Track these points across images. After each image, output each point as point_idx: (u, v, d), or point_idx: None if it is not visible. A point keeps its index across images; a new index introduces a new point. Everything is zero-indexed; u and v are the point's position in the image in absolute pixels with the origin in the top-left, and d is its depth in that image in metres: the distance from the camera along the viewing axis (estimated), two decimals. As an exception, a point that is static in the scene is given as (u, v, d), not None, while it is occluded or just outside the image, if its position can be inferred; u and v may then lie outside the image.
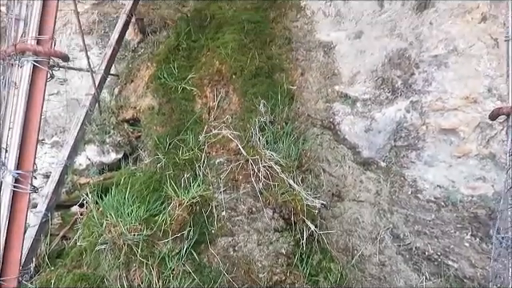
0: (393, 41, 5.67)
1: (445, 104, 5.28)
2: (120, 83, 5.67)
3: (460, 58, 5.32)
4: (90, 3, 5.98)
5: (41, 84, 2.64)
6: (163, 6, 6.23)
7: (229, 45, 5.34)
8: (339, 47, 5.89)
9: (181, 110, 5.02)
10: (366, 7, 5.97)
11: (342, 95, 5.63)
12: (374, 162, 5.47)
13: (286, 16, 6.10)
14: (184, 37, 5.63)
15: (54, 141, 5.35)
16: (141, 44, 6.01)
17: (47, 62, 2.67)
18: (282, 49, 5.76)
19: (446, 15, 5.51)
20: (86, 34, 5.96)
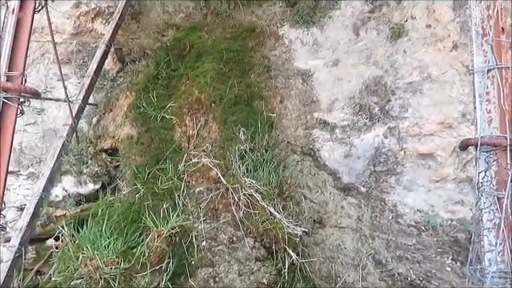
0: (369, 68, 5.82)
1: (421, 129, 5.39)
2: (98, 113, 5.61)
3: (434, 84, 5.48)
4: (69, 33, 5.98)
5: (10, 121, 2.58)
6: (142, 35, 6.27)
7: (208, 74, 5.37)
8: (317, 75, 6.00)
9: (160, 138, 4.99)
10: (342, 36, 6.13)
11: (321, 122, 5.70)
12: (355, 187, 5.51)
13: (264, 45, 6.21)
14: (163, 66, 5.65)
15: (29, 172, 5.23)
16: (120, 73, 6.01)
17: (17, 98, 2.61)
18: (261, 77, 5.83)
19: (418, 44, 5.70)
20: (64, 64, 5.94)
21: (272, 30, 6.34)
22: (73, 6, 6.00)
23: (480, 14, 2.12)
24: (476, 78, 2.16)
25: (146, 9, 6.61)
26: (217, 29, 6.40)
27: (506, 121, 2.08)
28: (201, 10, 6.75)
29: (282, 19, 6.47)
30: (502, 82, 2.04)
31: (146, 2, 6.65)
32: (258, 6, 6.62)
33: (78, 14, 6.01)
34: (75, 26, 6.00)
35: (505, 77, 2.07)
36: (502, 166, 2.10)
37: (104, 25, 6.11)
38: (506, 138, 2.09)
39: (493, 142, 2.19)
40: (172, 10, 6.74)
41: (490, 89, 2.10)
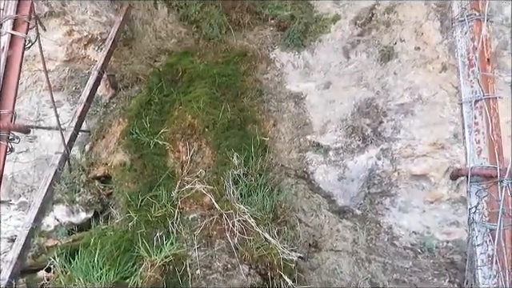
0: (360, 90, 5.87)
1: (414, 151, 5.42)
2: (91, 139, 5.59)
3: (425, 105, 5.53)
4: (62, 60, 5.99)
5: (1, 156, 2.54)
6: (135, 61, 6.30)
7: (201, 99, 5.40)
8: (309, 97, 6.04)
9: (153, 165, 4.97)
10: (333, 59, 6.20)
11: (314, 144, 5.71)
12: (350, 210, 5.49)
13: (256, 69, 6.26)
14: (156, 91, 5.67)
15: (20, 201, 5.15)
16: (112, 99, 6.01)
17: (6, 136, 2.58)
18: (254, 100, 5.86)
19: (408, 65, 5.78)
20: (56, 91, 5.94)
21: (263, 53, 6.40)
22: (65, 33, 6.02)
23: (465, 46, 2.16)
24: (464, 109, 2.18)
25: (139, 35, 6.66)
26: (209, 53, 6.45)
27: (495, 151, 2.10)
28: (193, 35, 6.81)
29: (273, 43, 6.54)
30: (489, 113, 2.06)
31: (138, 28, 6.71)
32: (250, 31, 6.70)
33: (70, 42, 6.03)
34: (68, 53, 6.01)
35: (492, 107, 2.10)
36: (493, 198, 2.10)
37: (97, 51, 6.14)
38: (496, 168, 2.11)
39: (483, 172, 2.19)
40: (164, 35, 6.80)
41: (479, 119, 2.12)
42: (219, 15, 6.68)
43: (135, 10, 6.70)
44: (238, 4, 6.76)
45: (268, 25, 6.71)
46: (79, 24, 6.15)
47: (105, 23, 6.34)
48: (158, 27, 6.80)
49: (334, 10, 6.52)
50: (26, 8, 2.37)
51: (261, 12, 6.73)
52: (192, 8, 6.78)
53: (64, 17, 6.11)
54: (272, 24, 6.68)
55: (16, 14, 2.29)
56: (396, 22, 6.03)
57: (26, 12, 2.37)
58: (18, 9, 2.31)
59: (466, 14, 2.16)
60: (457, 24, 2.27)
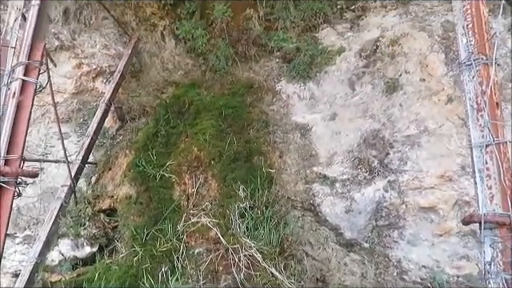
0: (366, 122, 5.88)
1: (421, 183, 5.36)
2: (97, 171, 5.61)
3: (431, 137, 5.51)
4: (70, 92, 6.08)
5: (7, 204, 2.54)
6: (143, 93, 6.38)
7: (207, 131, 5.42)
8: (315, 129, 6.05)
9: (159, 198, 4.95)
10: (338, 90, 6.24)
11: (320, 176, 5.68)
12: (357, 243, 5.40)
13: (262, 100, 6.31)
14: (163, 123, 5.71)
15: (26, 235, 5.13)
16: (119, 131, 6.06)
17: (14, 181, 2.60)
18: (260, 132, 5.87)
19: (414, 97, 5.80)
20: (64, 123, 6.00)
21: (269, 85, 6.46)
22: (75, 66, 6.14)
23: (473, 90, 2.16)
24: (474, 153, 2.17)
25: (146, 67, 6.78)
26: (215, 85, 6.53)
27: (507, 198, 2.07)
28: (199, 67, 6.92)
29: (279, 74, 6.61)
30: (500, 157, 2.04)
31: (146, 60, 6.83)
32: (256, 62, 6.79)
33: (79, 74, 6.14)
34: (76, 86, 6.11)
35: (503, 151, 2.08)
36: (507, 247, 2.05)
37: (105, 84, 6.23)
38: (510, 216, 2.07)
39: (496, 220, 2.15)
40: (171, 67, 6.91)
41: (490, 164, 2.10)
42: (226, 47, 6.80)
43: (143, 42, 6.85)
44: (244, 36, 6.88)
45: (274, 56, 6.79)
46: (88, 57, 6.29)
47: (113, 56, 6.47)
48: (165, 59, 6.92)
49: (338, 42, 6.61)
50: (38, 53, 2.43)
51: (267, 44, 6.83)
52: (199, 40, 6.91)
53: (74, 50, 6.25)
54: (278, 56, 6.77)
55: (28, 59, 2.35)
56: (400, 53, 6.09)
57: (38, 57, 2.42)
58: (31, 54, 2.36)
59: (473, 58, 2.18)
60: (464, 68, 2.28)
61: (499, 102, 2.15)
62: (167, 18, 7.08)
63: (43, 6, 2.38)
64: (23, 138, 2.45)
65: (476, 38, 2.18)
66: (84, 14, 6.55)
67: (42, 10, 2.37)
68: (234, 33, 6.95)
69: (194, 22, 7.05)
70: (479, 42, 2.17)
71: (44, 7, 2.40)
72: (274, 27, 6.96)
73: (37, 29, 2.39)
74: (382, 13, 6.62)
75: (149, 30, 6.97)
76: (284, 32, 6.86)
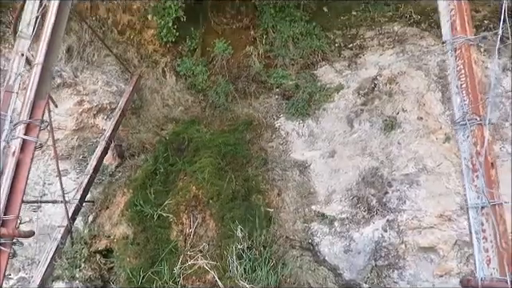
0: (365, 159, 5.89)
1: (421, 222, 5.32)
2: (95, 210, 5.58)
3: (430, 176, 5.51)
4: (71, 129, 6.12)
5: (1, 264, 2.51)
6: (142, 129, 6.42)
7: (206, 169, 5.42)
8: (314, 166, 6.05)
9: (156, 238, 4.91)
10: (337, 128, 6.28)
11: (319, 215, 5.65)
12: (357, 283, 5.32)
13: (261, 137, 6.34)
14: (162, 161, 5.72)
15: (20, 277, 5.05)
16: (118, 168, 6.06)
17: (10, 242, 2.58)
18: (259, 170, 5.87)
19: (412, 135, 5.83)
20: (64, 159, 6.03)
21: (269, 122, 6.51)
22: (76, 103, 6.21)
23: (468, 149, 2.18)
24: (471, 214, 2.17)
25: (147, 103, 6.84)
26: (215, 121, 6.58)
27: (504, 262, 2.05)
28: (199, 103, 6.99)
29: (278, 111, 6.67)
30: (496, 220, 2.04)
31: (146, 96, 6.90)
32: (255, 99, 6.86)
33: (80, 111, 6.20)
34: (77, 123, 6.16)
35: (499, 213, 2.08)
36: (506, 312, 2.02)
37: (105, 120, 6.28)
38: (507, 281, 2.05)
39: (493, 285, 2.12)
40: (172, 103, 6.98)
41: (486, 226, 2.09)
42: (226, 84, 6.89)
43: (145, 79, 6.94)
44: (244, 73, 6.99)
45: (273, 93, 6.87)
46: (90, 94, 6.36)
47: (115, 93, 6.55)
48: (165, 95, 6.99)
49: (337, 80, 6.70)
50: (40, 111, 2.47)
51: (266, 81, 6.93)
52: (199, 77, 7.01)
53: (76, 87, 6.33)
54: (277, 93, 6.84)
55: (30, 118, 2.38)
56: (398, 92, 6.16)
57: (39, 116, 2.46)
58: (32, 112, 2.40)
59: (467, 117, 2.21)
60: (458, 127, 2.31)
61: (494, 161, 2.16)
62: (169, 55, 7.21)
63: (46, 64, 2.43)
64: (21, 198, 2.44)
65: (470, 99, 2.22)
66: (87, 51, 6.67)
67: (45, 68, 2.42)
68: (234, 70, 7.07)
69: (194, 58, 7.18)
70: (473, 103, 2.20)
71: (47, 66, 2.45)
72: (274, 64, 7.08)
73: (39, 87, 2.43)
74: (379, 51, 6.74)
75: (150, 67, 7.08)
76: (283, 69, 6.98)
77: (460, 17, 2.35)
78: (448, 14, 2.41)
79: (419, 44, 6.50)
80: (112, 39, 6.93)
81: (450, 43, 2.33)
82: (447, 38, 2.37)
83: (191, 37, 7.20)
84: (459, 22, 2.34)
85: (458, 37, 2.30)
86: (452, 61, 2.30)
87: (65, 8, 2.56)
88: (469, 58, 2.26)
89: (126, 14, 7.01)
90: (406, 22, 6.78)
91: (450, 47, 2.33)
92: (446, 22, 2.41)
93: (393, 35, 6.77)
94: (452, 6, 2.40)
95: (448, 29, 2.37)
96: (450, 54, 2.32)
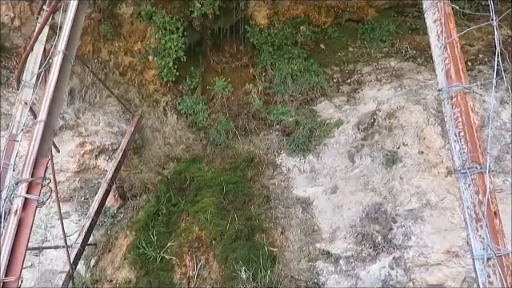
0: (368, 195, 5.86)
1: (427, 259, 5.24)
2: (97, 253, 5.52)
3: (434, 211, 5.46)
4: (73, 171, 6.14)
5: None
6: (144, 169, 6.43)
7: (208, 209, 5.40)
8: (316, 202, 6.02)
9: (159, 282, 4.83)
10: (338, 163, 6.28)
11: (323, 253, 5.57)
12: (365, 324, 5.19)
13: (263, 174, 6.34)
14: (164, 201, 5.71)
15: (21, 325, 4.94)
16: (120, 209, 6.04)
17: None
18: (261, 208, 5.84)
19: (413, 170, 5.82)
20: (66, 201, 6.01)
21: (270, 158, 6.52)
22: (78, 145, 6.25)
23: (470, 198, 2.18)
24: (477, 265, 2.13)
25: (148, 142, 6.89)
26: (216, 159, 6.59)
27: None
28: (200, 141, 7.03)
29: (279, 148, 6.69)
30: (504, 272, 2.00)
31: (148, 136, 6.96)
32: (256, 136, 6.90)
33: (82, 153, 6.23)
34: (79, 164, 6.18)
35: (506, 264, 2.05)
36: None
37: (107, 161, 6.31)
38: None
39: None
40: (173, 141, 7.02)
41: (493, 278, 2.05)
42: (226, 121, 6.96)
43: (146, 118, 7.02)
44: (244, 110, 7.07)
45: (273, 130, 6.92)
46: (92, 135, 6.41)
47: (116, 133, 6.60)
48: (167, 134, 7.05)
49: (336, 115, 6.76)
50: (42, 169, 2.49)
51: (266, 118, 7.00)
52: (200, 115, 7.09)
53: (77, 129, 6.39)
54: (277, 129, 6.89)
55: (32, 176, 2.41)
56: (397, 126, 6.20)
57: (42, 174, 2.49)
58: (34, 170, 2.42)
59: (467, 166, 2.22)
60: (459, 176, 2.32)
61: (497, 210, 2.16)
62: (169, 94, 7.32)
63: (49, 122, 2.47)
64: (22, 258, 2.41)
65: (468, 147, 2.24)
66: (89, 93, 6.78)
67: (47, 126, 2.46)
68: (234, 107, 7.15)
69: (195, 97, 7.28)
70: (472, 151, 2.22)
71: (50, 123, 2.49)
72: (273, 101, 7.17)
73: (41, 145, 2.46)
74: (377, 86, 6.83)
75: (151, 106, 7.17)
76: (283, 106, 7.06)
77: (454, 65, 2.40)
78: (442, 63, 2.47)
79: (416, 78, 6.60)
80: (114, 80, 7.05)
81: (445, 91, 2.37)
82: (443, 85, 2.41)
83: (191, 76, 7.33)
84: (454, 71, 2.38)
85: (454, 85, 2.34)
86: (448, 108, 2.33)
87: (67, 65, 2.62)
88: (465, 105, 2.29)
89: (128, 55, 7.16)
90: (402, 58, 6.91)
91: (445, 95, 2.37)
92: (440, 70, 2.47)
93: (390, 70, 6.88)
94: (446, 54, 2.46)
95: (443, 77, 2.42)
96: (446, 101, 2.36)
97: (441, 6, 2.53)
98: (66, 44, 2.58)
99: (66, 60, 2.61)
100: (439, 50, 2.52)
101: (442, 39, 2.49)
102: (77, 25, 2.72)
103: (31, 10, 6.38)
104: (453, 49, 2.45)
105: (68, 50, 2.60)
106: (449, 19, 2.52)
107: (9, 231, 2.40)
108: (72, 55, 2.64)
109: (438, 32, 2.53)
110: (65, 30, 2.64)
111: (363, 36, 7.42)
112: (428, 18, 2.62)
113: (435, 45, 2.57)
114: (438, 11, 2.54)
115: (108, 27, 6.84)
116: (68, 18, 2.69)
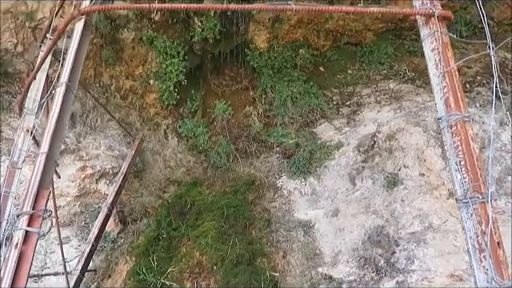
0: (369, 218, 5.82)
1: (431, 283, 5.17)
2: (97, 279, 5.46)
3: (437, 234, 5.42)
4: (73, 195, 6.13)
5: None
6: (145, 193, 6.42)
7: (209, 233, 5.36)
8: (318, 226, 5.98)
9: (160, 309, 4.76)
10: (339, 185, 6.27)
11: (326, 277, 5.50)
12: None
13: (263, 197, 6.31)
14: (164, 226, 5.67)
15: None
16: (121, 234, 6.00)
17: None
18: (262, 231, 5.80)
19: (415, 192, 5.80)
20: (66, 226, 5.98)
21: (270, 181, 6.51)
22: (78, 169, 6.26)
23: (473, 228, 2.17)
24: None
25: (149, 165, 6.89)
26: (217, 182, 6.58)
27: None
28: (201, 164, 7.03)
29: (279, 170, 6.69)
30: (508, 304, 1.99)
31: (149, 159, 6.96)
32: (256, 158, 6.91)
33: (83, 177, 6.23)
34: (79, 189, 6.17)
35: (511, 296, 2.04)
36: None
37: (108, 185, 6.30)
38: None
39: None
40: (174, 164, 7.03)
41: (501, 313, 2.04)
42: (227, 144, 6.97)
43: (147, 141, 7.04)
44: (244, 133, 7.09)
45: (274, 152, 6.92)
46: (92, 159, 6.43)
47: (117, 157, 6.61)
48: (167, 157, 7.06)
49: (336, 137, 6.78)
50: (43, 201, 2.50)
51: (266, 140, 7.01)
52: (201, 138, 7.10)
53: (78, 153, 6.41)
54: (278, 151, 6.90)
55: (33, 209, 2.41)
56: (398, 148, 6.21)
57: (42, 206, 2.49)
58: (36, 202, 2.42)
59: (468, 195, 2.22)
60: (461, 205, 2.32)
61: (500, 241, 2.14)
62: (170, 117, 7.35)
63: (51, 154, 2.48)
64: (24, 286, 2.39)
65: (470, 176, 2.24)
66: (90, 117, 6.82)
67: (49, 157, 2.47)
68: (235, 130, 7.18)
69: (195, 120, 7.31)
70: (473, 181, 2.22)
71: (52, 155, 2.51)
72: (273, 123, 7.20)
73: (43, 177, 2.47)
74: (377, 108, 6.87)
75: (152, 130, 7.20)
76: (283, 128, 7.08)
77: (453, 94, 2.42)
78: (441, 91, 2.49)
79: (415, 100, 6.65)
80: (115, 104, 7.10)
81: (445, 120, 2.39)
82: (442, 114, 2.43)
83: (192, 99, 7.38)
84: (453, 99, 2.40)
85: (453, 113, 2.36)
86: (449, 137, 2.34)
87: (70, 96, 2.65)
88: (465, 134, 2.30)
89: (129, 79, 7.23)
90: (401, 80, 6.98)
91: (445, 124, 2.38)
92: (439, 98, 2.49)
93: (389, 92, 6.94)
94: (444, 83, 2.48)
95: (442, 105, 2.44)
96: (446, 130, 2.37)
97: (438, 36, 2.57)
98: (68, 76, 2.62)
99: (69, 91, 2.64)
100: (438, 79, 2.54)
101: (441, 68, 2.52)
102: (80, 56, 2.76)
103: (34, 36, 6.48)
104: (451, 77, 2.47)
105: (71, 81, 2.63)
106: (446, 48, 2.56)
107: (9, 265, 2.38)
108: (75, 86, 2.68)
109: (436, 61, 2.57)
110: (68, 61, 2.68)
111: (362, 58, 7.50)
112: (426, 46, 2.66)
113: (434, 73, 2.60)
114: (435, 40, 2.59)
115: (110, 52, 6.92)
116: (71, 49, 2.73)
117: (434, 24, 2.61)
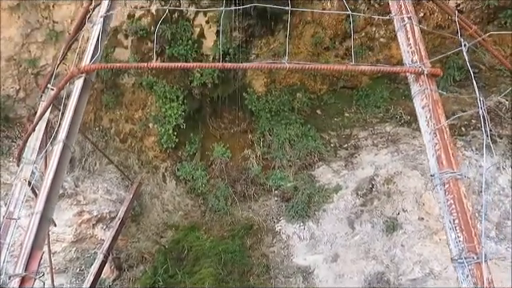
0: (369, 264, 5.74)
1: (434, 333, 5.05)
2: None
3: (438, 280, 5.33)
4: (69, 241, 6.05)
5: None
6: (142, 237, 6.35)
7: (206, 281, 5.29)
8: (317, 271, 5.89)
9: None
10: (338, 229, 6.22)
11: (326, 326, 5.37)
12: None
13: (262, 242, 6.25)
14: (161, 272, 5.59)
15: None
16: (116, 281, 5.90)
17: None
18: (261, 278, 5.71)
19: (415, 237, 5.75)
20: (61, 273, 5.89)
21: (269, 225, 6.47)
22: (75, 213, 6.22)
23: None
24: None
25: (147, 209, 6.85)
26: (215, 226, 6.53)
27: None
28: (199, 207, 6.99)
29: (278, 214, 6.65)
30: None
31: (146, 202, 6.93)
32: (255, 202, 6.88)
33: (79, 222, 6.18)
34: (76, 234, 6.11)
35: None
36: None
37: (104, 230, 6.24)
38: None
39: None
40: (171, 208, 6.99)
41: None
42: (225, 187, 6.96)
43: (145, 184, 7.02)
44: (242, 176, 7.09)
45: (272, 195, 6.91)
46: (90, 203, 6.39)
47: (115, 201, 6.58)
48: (165, 200, 7.03)
49: (335, 180, 6.78)
50: (36, 263, 2.47)
51: (265, 183, 7.00)
52: (199, 181, 7.10)
53: (76, 197, 6.38)
54: (276, 195, 6.88)
55: (25, 270, 2.39)
56: (396, 192, 6.21)
57: (35, 268, 2.47)
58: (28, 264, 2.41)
59: (463, 255, 2.22)
60: (457, 265, 2.31)
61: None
62: (169, 160, 7.38)
63: (45, 213, 2.49)
64: None
65: (464, 235, 2.24)
66: (89, 161, 6.84)
67: (43, 217, 2.48)
68: (233, 173, 7.19)
69: (194, 163, 7.34)
70: (468, 240, 2.22)
71: (46, 214, 2.51)
72: (272, 166, 7.22)
73: (37, 237, 2.47)
74: (374, 151, 6.91)
75: (151, 172, 7.20)
76: (281, 171, 7.09)
77: (445, 151, 2.46)
78: (433, 148, 2.53)
79: (412, 143, 6.70)
80: (114, 147, 7.15)
81: (437, 177, 2.41)
82: (434, 171, 2.46)
83: (191, 142, 7.43)
84: (445, 157, 2.44)
85: (445, 171, 2.39)
86: (442, 195, 2.35)
87: (67, 153, 2.69)
88: (458, 192, 2.32)
89: (129, 123, 7.31)
90: (397, 123, 7.06)
91: (438, 181, 2.40)
92: (431, 155, 2.52)
93: (385, 135, 7.00)
94: (436, 140, 2.52)
95: (434, 162, 2.47)
96: (439, 187, 2.39)
97: (428, 93, 2.64)
98: (66, 133, 2.66)
99: (66, 148, 2.68)
100: (429, 136, 2.58)
101: (431, 125, 2.57)
102: (78, 112, 2.82)
103: (36, 82, 6.61)
104: (442, 135, 2.51)
105: (68, 138, 2.67)
106: (437, 105, 2.62)
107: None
108: (72, 143, 2.72)
109: (427, 118, 2.62)
110: (66, 118, 2.73)
111: (358, 102, 7.63)
112: (416, 103, 2.72)
113: (425, 130, 2.65)
114: (425, 98, 2.65)
115: (110, 96, 7.04)
116: (70, 106, 2.79)
117: (424, 81, 2.68)
